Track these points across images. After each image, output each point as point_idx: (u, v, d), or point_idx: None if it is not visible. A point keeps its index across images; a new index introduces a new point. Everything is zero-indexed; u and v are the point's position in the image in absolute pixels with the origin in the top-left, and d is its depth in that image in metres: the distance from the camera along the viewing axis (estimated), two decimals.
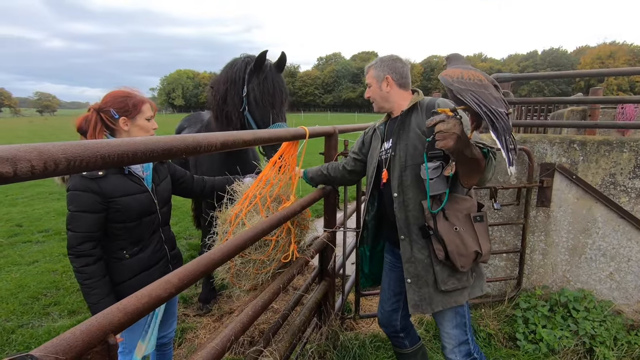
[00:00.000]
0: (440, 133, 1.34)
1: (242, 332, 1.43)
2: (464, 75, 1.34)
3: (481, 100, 1.27)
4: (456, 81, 1.33)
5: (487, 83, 1.34)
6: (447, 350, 1.84)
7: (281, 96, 2.46)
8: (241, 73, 2.48)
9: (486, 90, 1.31)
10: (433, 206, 1.67)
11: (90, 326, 0.80)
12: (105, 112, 1.63)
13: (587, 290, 2.93)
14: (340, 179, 2.23)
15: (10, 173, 0.61)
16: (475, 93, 1.29)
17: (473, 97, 1.28)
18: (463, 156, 1.43)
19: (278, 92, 2.43)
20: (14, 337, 2.92)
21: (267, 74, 2.44)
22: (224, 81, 2.54)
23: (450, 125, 1.33)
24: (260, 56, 2.42)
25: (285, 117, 2.51)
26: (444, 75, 1.40)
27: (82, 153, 0.74)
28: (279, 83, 2.46)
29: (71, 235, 1.53)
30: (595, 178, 2.84)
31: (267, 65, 2.46)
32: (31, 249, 4.87)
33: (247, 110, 2.46)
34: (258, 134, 1.48)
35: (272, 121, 2.41)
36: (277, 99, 2.43)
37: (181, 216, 6.18)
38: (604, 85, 52.02)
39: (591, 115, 5.02)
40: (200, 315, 3.27)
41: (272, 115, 2.41)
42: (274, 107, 2.42)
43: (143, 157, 0.90)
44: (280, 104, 2.46)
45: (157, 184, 1.79)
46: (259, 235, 1.51)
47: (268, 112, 2.42)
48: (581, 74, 2.88)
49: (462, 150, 1.39)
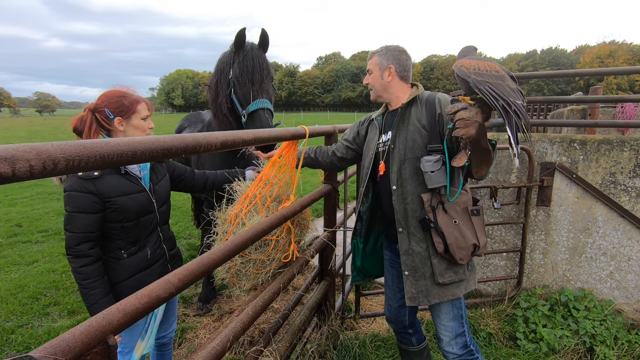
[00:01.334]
0: (462, 120, 1.33)
1: (242, 332, 1.43)
2: (480, 67, 1.33)
3: (498, 92, 1.26)
4: (473, 73, 1.32)
5: (504, 74, 1.32)
6: (443, 342, 1.85)
7: (261, 72, 2.39)
8: (228, 59, 2.48)
9: (503, 82, 1.29)
10: (432, 199, 1.68)
11: (90, 327, 0.79)
12: (100, 113, 1.62)
13: (588, 289, 2.93)
14: (328, 165, 2.20)
15: (8, 173, 0.60)
16: (492, 85, 1.28)
17: (490, 89, 1.27)
18: (479, 146, 1.42)
19: (257, 68, 2.38)
20: (13, 337, 2.92)
21: (247, 52, 2.41)
22: (215, 73, 2.56)
23: (472, 114, 1.32)
24: (239, 35, 2.39)
25: (268, 94, 2.42)
26: (459, 66, 1.38)
27: (81, 153, 0.73)
28: (258, 59, 2.40)
29: (69, 236, 1.53)
30: (595, 177, 2.84)
31: (247, 45, 2.44)
32: (31, 249, 4.86)
33: (232, 93, 2.44)
34: (258, 133, 1.48)
35: (252, 98, 2.35)
36: (257, 75, 2.37)
37: (181, 216, 6.17)
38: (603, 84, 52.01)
39: (591, 114, 5.01)
40: (200, 315, 3.27)
41: (252, 92, 2.36)
42: (253, 83, 2.37)
43: (142, 157, 0.89)
44: (261, 80, 2.39)
45: (155, 183, 1.78)
46: (259, 234, 1.51)
47: (249, 89, 2.37)
48: (580, 73, 2.88)
49: (480, 140, 1.39)
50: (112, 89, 1.71)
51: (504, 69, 1.35)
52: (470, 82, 1.31)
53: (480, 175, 1.57)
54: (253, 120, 2.32)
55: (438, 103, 1.74)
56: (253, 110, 2.32)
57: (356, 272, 2.19)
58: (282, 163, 2.03)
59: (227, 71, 2.46)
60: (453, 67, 1.42)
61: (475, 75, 1.31)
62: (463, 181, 1.73)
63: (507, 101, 1.24)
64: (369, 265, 2.18)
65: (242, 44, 2.42)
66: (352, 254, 2.18)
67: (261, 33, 2.46)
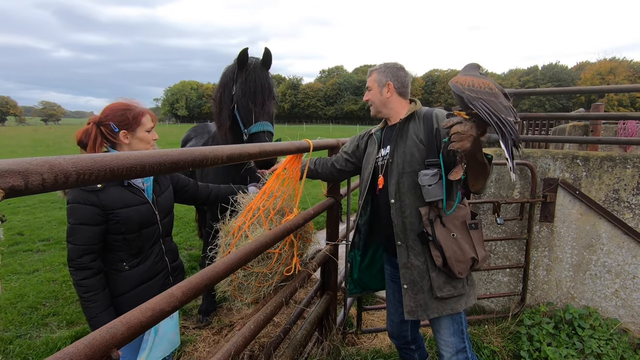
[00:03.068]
0: (458, 134, 1.36)
1: (244, 346, 1.42)
2: (474, 84, 1.38)
3: (491, 108, 1.30)
4: (467, 89, 1.37)
5: (497, 91, 1.37)
6: (444, 358, 1.83)
7: (262, 94, 2.39)
8: (232, 74, 2.50)
9: (496, 99, 1.34)
10: (430, 213, 1.70)
11: (94, 340, 0.79)
12: (105, 126, 1.63)
13: (593, 307, 2.89)
14: (327, 176, 2.23)
15: (22, 186, 0.61)
16: (485, 101, 1.33)
17: (483, 106, 1.32)
18: (474, 159, 1.46)
19: (259, 89, 2.38)
20: (11, 348, 2.89)
21: (250, 72, 2.41)
22: (219, 87, 2.58)
23: (467, 127, 1.36)
24: (241, 54, 2.40)
25: (269, 115, 2.42)
26: (454, 82, 1.43)
27: (92, 166, 0.74)
28: (261, 80, 2.40)
29: (71, 248, 1.53)
30: (598, 194, 2.83)
31: (250, 63, 2.45)
32: (32, 258, 4.85)
33: (236, 109, 2.46)
34: (263, 147, 1.49)
35: (254, 119, 2.37)
36: (258, 97, 2.39)
37: (182, 227, 6.16)
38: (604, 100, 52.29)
39: (593, 130, 5.03)
40: (200, 327, 3.23)
41: (254, 114, 2.38)
42: (255, 105, 2.38)
43: (151, 170, 0.90)
44: (262, 102, 2.40)
45: (158, 194, 1.79)
46: (262, 248, 1.51)
47: (251, 110, 2.38)
48: (582, 91, 2.91)
49: (475, 154, 1.42)
50: (115, 101, 1.73)
51: (498, 86, 1.39)
52: (464, 97, 1.35)
53: (477, 189, 1.59)
54: (253, 142, 2.33)
55: (435, 118, 1.77)
56: (254, 132, 2.35)
57: (353, 285, 2.19)
58: (285, 176, 2.05)
59: (231, 86, 2.49)
60: (449, 83, 1.46)
61: (469, 92, 1.35)
62: (460, 194, 1.75)
63: (499, 117, 1.27)
64: (366, 278, 2.18)
65: (245, 63, 2.44)
66: (350, 266, 2.18)
67: (264, 52, 2.48)
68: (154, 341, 1.73)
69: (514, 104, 7.51)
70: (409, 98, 1.92)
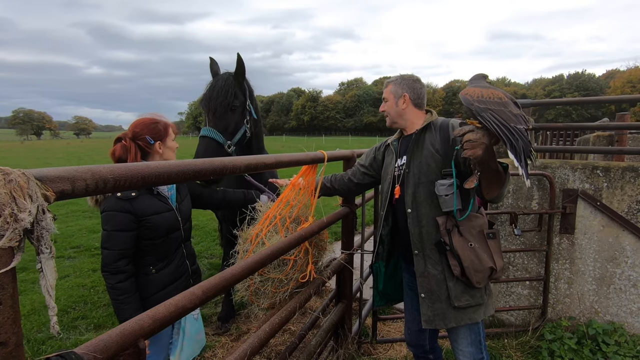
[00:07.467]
0: (470, 142, 1.39)
1: (259, 347, 1.48)
2: (483, 94, 1.41)
3: (500, 119, 1.33)
4: (476, 100, 1.40)
5: (507, 101, 1.40)
6: None
7: (208, 102, 2.47)
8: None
9: (505, 109, 1.37)
10: (447, 222, 1.71)
11: (124, 330, 0.88)
12: (142, 140, 1.77)
13: (618, 323, 2.79)
14: (345, 191, 2.28)
15: (69, 190, 0.72)
16: (494, 112, 1.35)
17: (492, 116, 1.34)
18: (488, 167, 1.47)
19: (214, 97, 2.47)
20: (43, 348, 3.06)
21: (212, 81, 2.56)
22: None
23: (479, 135, 1.38)
24: (210, 64, 2.58)
25: (214, 123, 2.46)
26: (463, 94, 1.47)
27: (126, 174, 0.85)
28: (216, 88, 2.48)
29: (107, 254, 1.65)
30: (621, 205, 2.76)
31: (222, 74, 2.58)
32: (63, 264, 5.11)
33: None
34: (280, 158, 1.59)
35: (205, 124, 2.51)
36: (211, 104, 2.48)
37: (203, 236, 6.34)
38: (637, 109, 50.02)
39: (619, 140, 4.89)
40: (219, 334, 3.32)
41: (205, 119, 2.51)
42: (208, 110, 2.50)
43: (176, 178, 1.00)
44: (214, 108, 2.46)
45: (179, 202, 1.91)
46: (277, 253, 1.58)
47: (205, 116, 2.52)
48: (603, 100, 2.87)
49: (488, 161, 1.44)
50: (141, 116, 1.86)
51: (508, 96, 1.42)
52: (473, 109, 1.39)
53: (492, 197, 1.59)
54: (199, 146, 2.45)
55: (451, 128, 1.80)
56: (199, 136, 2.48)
57: (379, 297, 2.19)
58: (301, 185, 2.13)
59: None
60: (459, 95, 1.50)
61: (478, 103, 1.39)
62: (473, 201, 1.76)
63: (508, 126, 1.30)
64: (390, 289, 2.19)
65: (215, 73, 2.60)
66: (374, 278, 2.19)
67: (237, 59, 2.57)
68: (183, 341, 1.84)
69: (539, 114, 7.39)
70: (424, 109, 1.95)
